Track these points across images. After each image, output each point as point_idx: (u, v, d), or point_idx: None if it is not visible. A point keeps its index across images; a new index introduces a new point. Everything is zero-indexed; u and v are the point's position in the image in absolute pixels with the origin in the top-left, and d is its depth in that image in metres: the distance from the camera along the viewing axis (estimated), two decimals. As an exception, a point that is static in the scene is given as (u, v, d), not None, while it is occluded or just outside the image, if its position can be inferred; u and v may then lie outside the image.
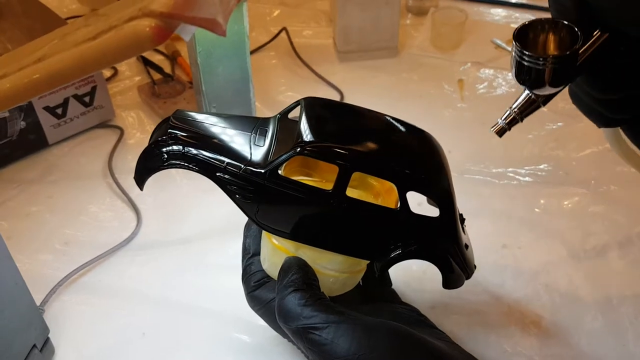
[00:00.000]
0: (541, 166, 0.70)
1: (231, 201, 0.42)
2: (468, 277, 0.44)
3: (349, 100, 0.81)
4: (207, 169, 0.40)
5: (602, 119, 0.41)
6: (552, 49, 0.36)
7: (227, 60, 0.61)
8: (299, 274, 0.41)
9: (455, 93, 0.82)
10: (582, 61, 0.35)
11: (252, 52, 0.91)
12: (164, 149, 0.41)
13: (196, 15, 0.25)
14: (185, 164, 0.40)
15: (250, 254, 0.47)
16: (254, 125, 0.43)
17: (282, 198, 0.40)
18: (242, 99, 0.65)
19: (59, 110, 0.72)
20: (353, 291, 0.46)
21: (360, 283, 0.47)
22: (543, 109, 0.78)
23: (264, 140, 0.42)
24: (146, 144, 0.45)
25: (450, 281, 0.43)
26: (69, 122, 0.74)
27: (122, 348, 0.52)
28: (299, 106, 0.43)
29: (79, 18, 0.28)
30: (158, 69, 0.84)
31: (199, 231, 0.63)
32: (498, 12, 0.99)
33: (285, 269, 0.41)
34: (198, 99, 0.65)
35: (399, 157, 0.40)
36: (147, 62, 0.86)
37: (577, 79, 0.38)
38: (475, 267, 0.45)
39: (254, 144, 0.41)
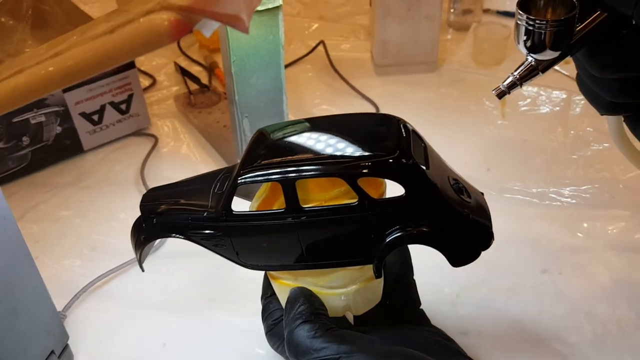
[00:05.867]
0: (585, 187, 0.66)
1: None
2: (484, 247, 0.39)
3: (385, 114, 0.79)
4: (178, 231, 0.41)
5: (602, 104, 0.41)
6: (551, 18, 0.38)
7: (261, 70, 0.60)
8: (306, 305, 0.39)
9: (497, 110, 0.80)
10: (581, 37, 0.37)
11: (288, 65, 0.91)
12: (140, 228, 0.43)
13: (218, 10, 0.24)
14: (163, 234, 0.42)
15: (270, 294, 0.46)
16: (219, 176, 0.43)
17: (248, 233, 0.39)
18: (275, 110, 0.64)
19: (95, 117, 0.73)
20: (378, 312, 0.44)
21: (387, 302, 0.44)
22: (588, 128, 0.75)
23: (225, 185, 0.41)
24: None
25: (453, 257, 0.38)
26: (105, 129, 0.75)
27: (142, 358, 0.51)
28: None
29: (102, 15, 0.28)
30: (195, 79, 0.85)
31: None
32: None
33: (291, 302, 0.40)
34: (231, 109, 0.64)
35: (339, 151, 0.38)
36: (184, 73, 0.86)
37: (576, 53, 0.39)
38: (492, 236, 0.40)
39: (215, 192, 0.41)
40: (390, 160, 0.36)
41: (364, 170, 0.36)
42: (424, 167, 0.37)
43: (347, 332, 0.38)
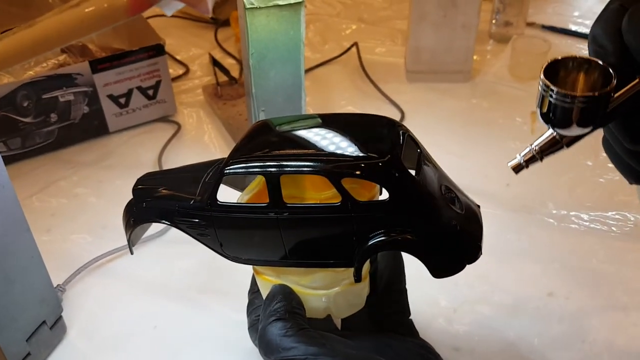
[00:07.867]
0: (609, 214, 0.63)
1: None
2: (470, 261, 0.37)
3: (410, 121, 0.78)
4: (166, 217, 0.41)
5: (632, 174, 0.37)
6: (582, 88, 0.33)
7: (280, 64, 0.60)
8: (282, 303, 0.39)
9: (527, 125, 0.77)
10: (616, 107, 0.32)
11: (321, 64, 0.90)
12: (131, 210, 0.44)
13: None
14: (151, 218, 0.42)
15: (256, 289, 0.46)
16: (212, 166, 0.42)
17: (232, 224, 0.39)
18: (293, 105, 0.64)
19: (122, 100, 0.75)
20: (365, 318, 0.43)
21: (373, 309, 0.43)
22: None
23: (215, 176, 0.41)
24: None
25: (434, 268, 0.37)
26: (131, 113, 0.76)
27: (131, 338, 0.52)
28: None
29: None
30: (225, 71, 0.85)
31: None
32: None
33: (270, 298, 0.40)
34: (248, 102, 0.64)
35: (330, 149, 0.37)
36: (215, 63, 0.87)
37: (608, 124, 0.34)
38: (480, 250, 0.38)
39: (205, 181, 0.41)
40: (375, 163, 0.35)
41: (347, 171, 0.35)
42: (413, 174, 0.36)
43: (319, 334, 0.38)
